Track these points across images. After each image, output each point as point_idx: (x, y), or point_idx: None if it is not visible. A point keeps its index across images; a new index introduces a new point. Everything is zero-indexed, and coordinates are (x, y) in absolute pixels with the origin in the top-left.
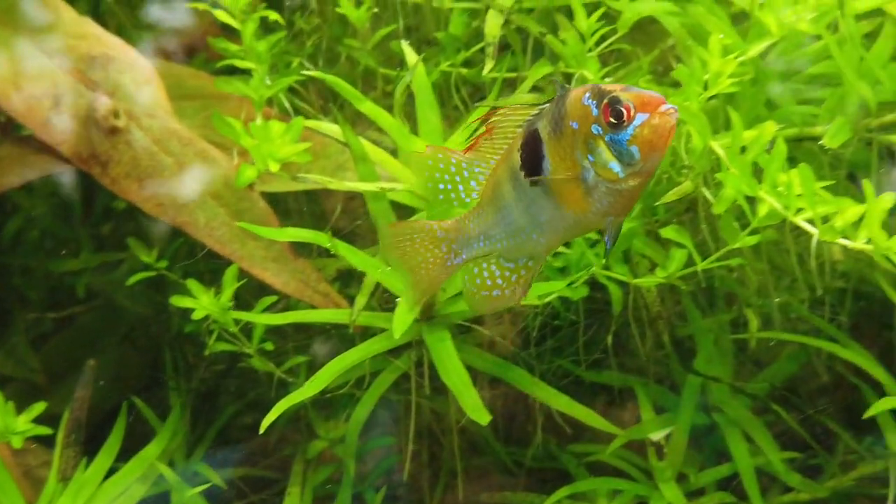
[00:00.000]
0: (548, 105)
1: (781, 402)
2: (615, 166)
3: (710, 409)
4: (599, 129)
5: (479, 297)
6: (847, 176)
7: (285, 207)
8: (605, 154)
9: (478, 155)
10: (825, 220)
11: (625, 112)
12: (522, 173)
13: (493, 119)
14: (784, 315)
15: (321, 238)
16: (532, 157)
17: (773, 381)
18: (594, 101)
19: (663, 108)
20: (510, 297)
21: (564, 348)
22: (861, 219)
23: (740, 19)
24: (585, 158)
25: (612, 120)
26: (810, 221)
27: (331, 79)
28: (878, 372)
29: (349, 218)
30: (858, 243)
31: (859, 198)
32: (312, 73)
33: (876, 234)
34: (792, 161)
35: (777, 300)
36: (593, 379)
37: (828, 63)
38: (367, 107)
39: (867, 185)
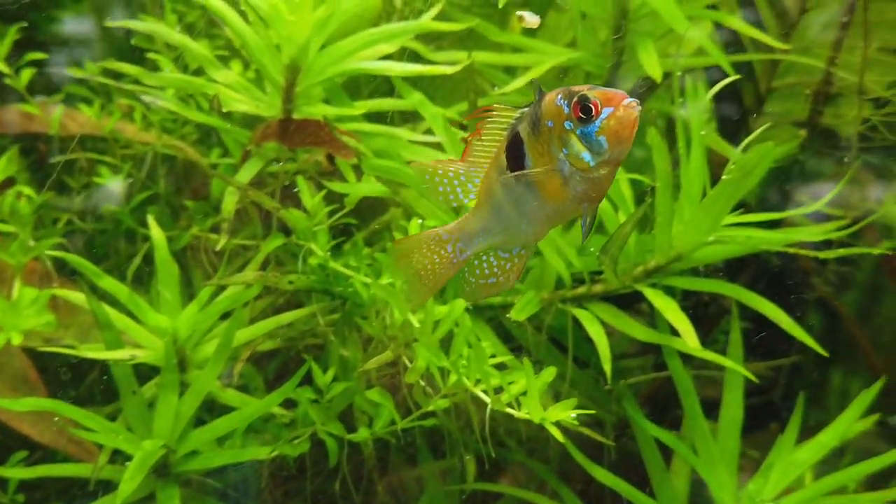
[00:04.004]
0: (527, 109)
1: None
2: (586, 156)
3: None
4: (571, 124)
5: (477, 286)
6: (549, 339)
7: None
8: (577, 146)
9: (471, 162)
10: (498, 390)
11: (592, 108)
12: (508, 172)
13: (481, 122)
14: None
15: (52, 405)
16: (516, 157)
17: None
18: (565, 101)
19: (626, 101)
20: (504, 282)
21: (300, 493)
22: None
23: None
24: (560, 152)
25: (581, 115)
26: (486, 392)
27: (69, 257)
28: None
29: None
30: (522, 413)
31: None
32: (56, 252)
33: (533, 408)
34: (500, 327)
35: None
36: None
37: None
38: (106, 282)
39: (527, 364)
